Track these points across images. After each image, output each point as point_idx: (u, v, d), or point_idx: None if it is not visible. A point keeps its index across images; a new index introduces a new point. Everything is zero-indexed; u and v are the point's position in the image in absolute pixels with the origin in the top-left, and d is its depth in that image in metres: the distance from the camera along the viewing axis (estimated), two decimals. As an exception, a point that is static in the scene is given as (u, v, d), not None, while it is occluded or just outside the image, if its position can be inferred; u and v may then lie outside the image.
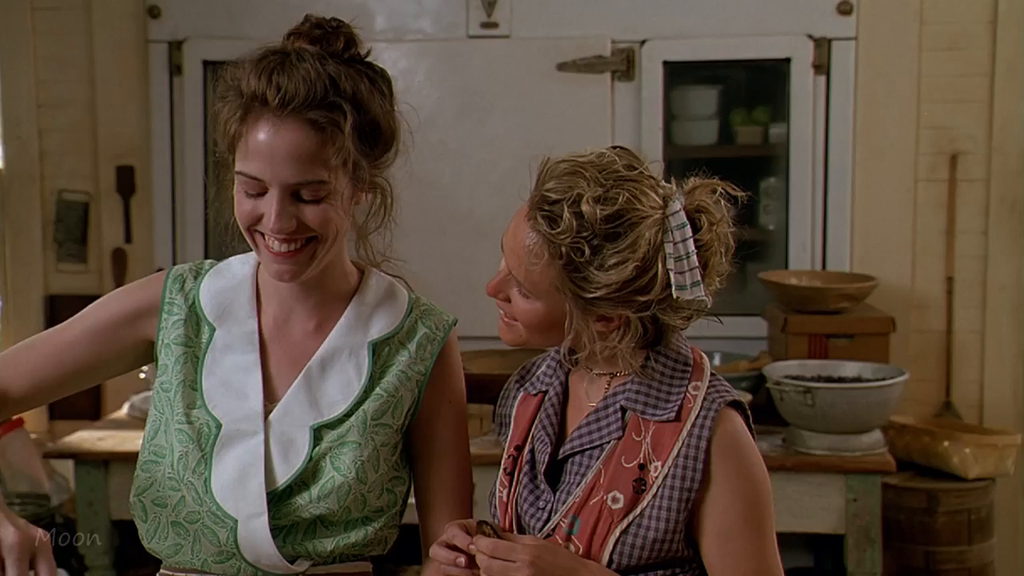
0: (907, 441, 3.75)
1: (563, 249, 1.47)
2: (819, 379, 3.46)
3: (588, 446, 1.57)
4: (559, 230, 1.47)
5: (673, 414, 1.55)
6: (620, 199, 1.49)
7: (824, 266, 4.09)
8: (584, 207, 1.47)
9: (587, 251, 1.47)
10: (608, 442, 1.56)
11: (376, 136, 1.52)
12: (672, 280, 1.51)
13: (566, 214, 1.47)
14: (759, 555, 1.53)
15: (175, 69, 4.23)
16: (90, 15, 4.28)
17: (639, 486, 1.53)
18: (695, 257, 1.52)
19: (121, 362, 1.65)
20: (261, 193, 1.49)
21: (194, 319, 1.62)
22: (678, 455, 1.53)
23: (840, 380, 3.46)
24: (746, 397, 3.52)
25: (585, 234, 1.47)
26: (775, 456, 3.38)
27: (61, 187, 4.38)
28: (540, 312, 1.54)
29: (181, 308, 1.62)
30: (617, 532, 1.52)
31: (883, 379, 3.41)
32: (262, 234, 1.51)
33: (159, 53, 4.24)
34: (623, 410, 1.56)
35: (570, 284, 1.49)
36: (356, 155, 1.49)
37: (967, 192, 4.06)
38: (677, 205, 1.54)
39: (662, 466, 1.52)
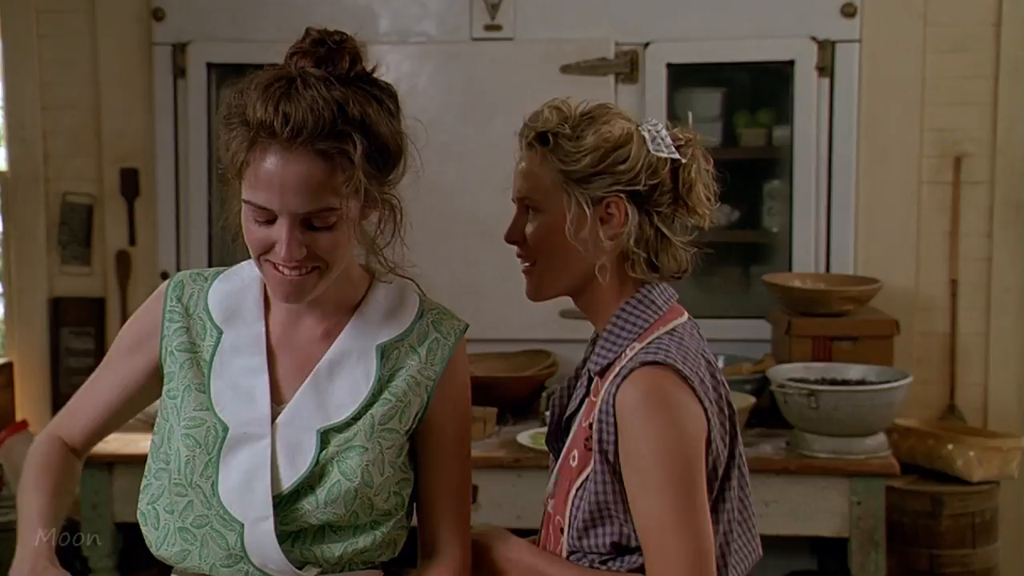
0: (911, 444, 3.74)
1: (549, 136, 1.62)
2: (823, 382, 3.46)
3: (572, 411, 1.68)
4: (540, 123, 1.64)
5: (599, 369, 1.60)
6: (594, 111, 1.67)
7: (828, 268, 4.08)
8: (561, 106, 1.66)
9: (568, 131, 1.62)
10: (583, 404, 1.65)
11: (385, 158, 1.51)
12: (648, 141, 1.63)
13: (546, 113, 1.65)
14: (662, 516, 1.50)
15: (179, 72, 4.24)
16: (94, 18, 4.29)
17: (588, 443, 1.57)
18: (672, 145, 1.64)
19: (149, 388, 1.67)
20: (270, 220, 1.48)
21: (197, 323, 1.62)
22: (598, 411, 1.57)
23: (844, 383, 3.46)
24: (749, 400, 3.52)
25: (567, 122, 1.63)
26: (779, 459, 3.38)
27: (65, 189, 4.39)
28: (547, 224, 1.62)
29: (181, 315, 1.62)
30: (573, 490, 1.59)
31: (887, 382, 3.40)
32: (272, 261, 1.51)
33: (163, 56, 4.25)
34: (589, 371, 1.67)
35: (559, 163, 1.61)
36: (367, 180, 1.48)
37: (971, 194, 4.06)
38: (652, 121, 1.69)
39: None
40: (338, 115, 1.44)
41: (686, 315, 1.73)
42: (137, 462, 3.45)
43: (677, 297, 1.73)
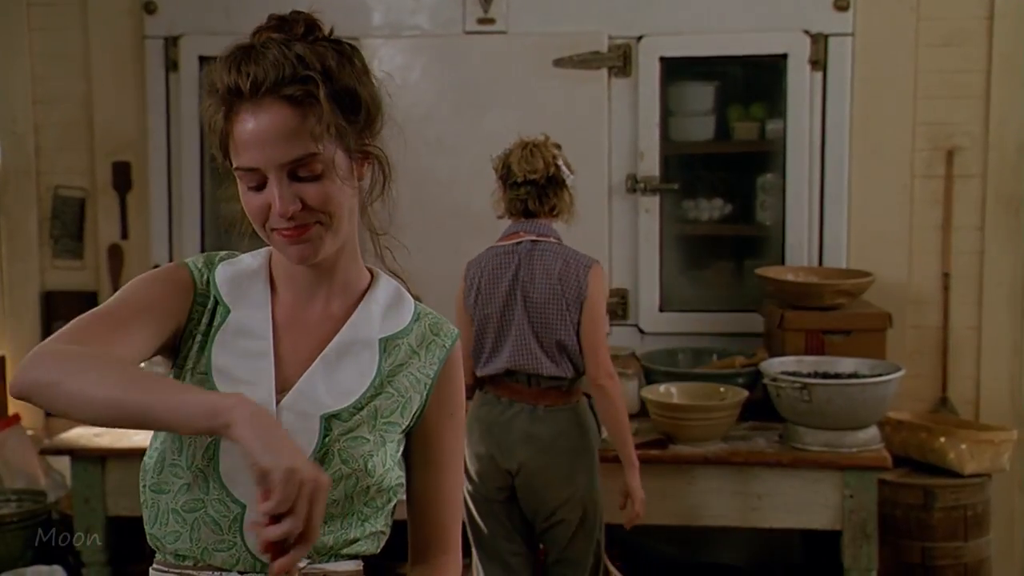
0: (904, 437, 3.75)
1: None
2: (816, 375, 3.47)
3: None
4: None
5: None
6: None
7: (821, 262, 4.09)
8: None
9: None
10: None
11: (355, 103, 1.54)
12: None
13: None
14: None
15: (171, 65, 4.23)
16: (86, 11, 4.28)
17: None
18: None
19: (159, 342, 1.56)
20: (262, 185, 1.51)
21: (213, 306, 1.62)
22: None
23: (837, 376, 3.47)
24: (742, 393, 3.52)
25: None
26: (771, 452, 3.39)
27: (57, 183, 4.38)
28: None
29: (209, 298, 1.62)
30: None
31: (880, 375, 3.41)
32: (276, 228, 1.52)
33: (155, 49, 4.24)
34: None
35: None
36: (339, 122, 1.51)
37: (964, 188, 4.07)
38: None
39: None
40: (298, 64, 1.49)
41: (510, 241, 3.12)
42: (130, 456, 3.46)
43: (518, 228, 3.12)
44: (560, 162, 3.13)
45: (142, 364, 1.56)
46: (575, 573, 3.14)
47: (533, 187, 3.11)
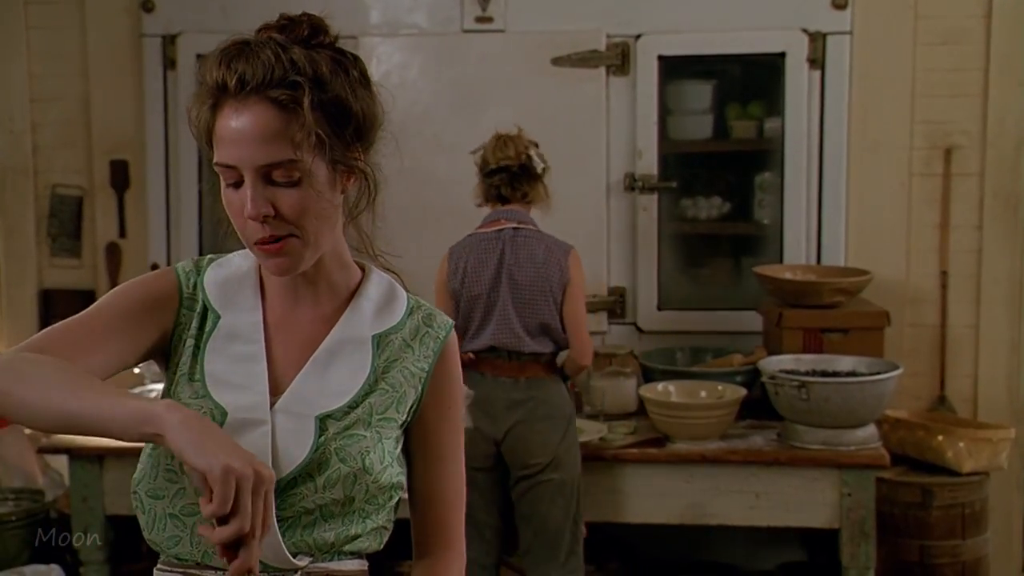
0: (901, 435, 3.76)
1: None
2: (814, 373, 3.47)
3: None
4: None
5: None
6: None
7: (819, 260, 4.09)
8: None
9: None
10: None
11: (344, 115, 1.51)
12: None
13: None
14: None
15: (169, 63, 4.23)
16: (83, 9, 4.27)
17: None
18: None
19: (139, 351, 1.59)
20: (239, 182, 1.49)
21: (202, 311, 1.62)
22: None
23: (835, 374, 3.47)
24: (740, 392, 3.52)
25: None
26: (769, 450, 3.39)
27: (55, 181, 4.38)
28: None
29: (198, 302, 1.62)
30: None
31: (878, 373, 3.41)
32: (255, 240, 1.51)
33: (153, 47, 4.24)
34: None
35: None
36: (324, 134, 1.49)
37: (961, 186, 4.07)
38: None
39: None
40: (289, 68, 1.48)
41: (492, 228, 3.30)
42: (128, 455, 3.46)
43: (499, 216, 3.31)
44: (532, 152, 3.35)
45: (136, 370, 1.56)
46: (550, 550, 3.24)
47: (506, 174, 3.33)
